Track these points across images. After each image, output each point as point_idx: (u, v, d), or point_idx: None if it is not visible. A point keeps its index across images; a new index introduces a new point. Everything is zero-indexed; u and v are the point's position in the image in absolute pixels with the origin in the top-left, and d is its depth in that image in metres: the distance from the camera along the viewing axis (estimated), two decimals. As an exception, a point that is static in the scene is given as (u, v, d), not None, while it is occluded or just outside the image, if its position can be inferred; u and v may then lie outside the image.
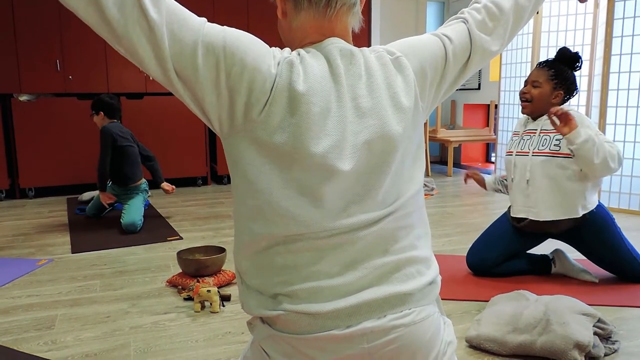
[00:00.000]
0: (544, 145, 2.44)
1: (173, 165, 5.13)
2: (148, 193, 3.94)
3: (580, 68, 2.49)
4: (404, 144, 1.00)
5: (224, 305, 2.27)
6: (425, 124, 5.70)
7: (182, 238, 3.36)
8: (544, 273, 2.62)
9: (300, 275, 0.95)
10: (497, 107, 5.40)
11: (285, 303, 0.95)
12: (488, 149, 6.93)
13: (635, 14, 3.86)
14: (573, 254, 2.81)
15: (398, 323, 0.95)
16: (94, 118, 3.81)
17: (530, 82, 2.50)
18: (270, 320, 0.99)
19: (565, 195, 2.40)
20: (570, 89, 2.46)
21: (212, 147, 5.66)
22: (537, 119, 2.54)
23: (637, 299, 2.29)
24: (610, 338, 1.88)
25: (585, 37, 4.45)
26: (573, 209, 2.40)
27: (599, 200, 2.50)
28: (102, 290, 2.48)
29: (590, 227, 2.44)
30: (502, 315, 1.92)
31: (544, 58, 4.70)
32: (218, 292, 2.23)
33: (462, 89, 6.82)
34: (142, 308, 2.27)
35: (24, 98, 4.66)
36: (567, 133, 2.25)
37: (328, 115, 0.93)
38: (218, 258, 2.52)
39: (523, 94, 2.52)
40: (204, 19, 0.93)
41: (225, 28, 0.93)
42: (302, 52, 0.97)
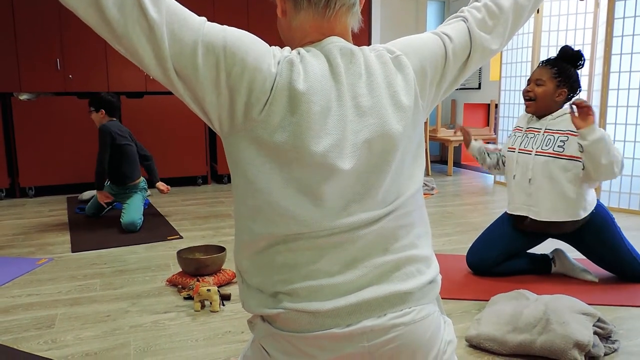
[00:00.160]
0: (548, 146, 2.43)
1: (173, 165, 5.13)
2: (147, 192, 3.94)
3: (583, 66, 2.48)
4: (404, 143, 1.00)
5: (224, 305, 2.27)
6: (426, 124, 5.69)
7: (182, 237, 3.36)
8: (544, 272, 2.62)
9: (300, 274, 0.95)
10: (497, 106, 5.40)
11: (286, 301, 0.96)
12: (488, 149, 6.92)
13: (636, 14, 3.85)
14: (573, 254, 2.82)
15: (398, 322, 0.96)
16: (93, 115, 3.77)
17: (534, 80, 2.49)
18: (271, 319, 0.99)
19: (566, 197, 2.39)
20: (574, 87, 2.46)
21: (212, 146, 5.66)
22: (541, 118, 2.53)
23: (637, 299, 2.29)
24: (610, 337, 1.88)
25: (586, 36, 4.45)
26: (574, 212, 2.40)
27: (599, 200, 2.50)
28: (102, 290, 2.48)
29: (590, 227, 2.44)
30: (502, 315, 1.92)
31: (544, 57, 4.70)
32: (218, 291, 2.23)
33: (462, 89, 6.82)
34: (142, 307, 2.27)
35: (24, 97, 4.66)
36: (582, 127, 2.22)
37: (328, 114, 0.93)
38: (218, 257, 2.53)
39: (527, 93, 2.50)
40: (204, 19, 0.93)
41: (226, 27, 0.93)
42: (302, 51, 0.97)
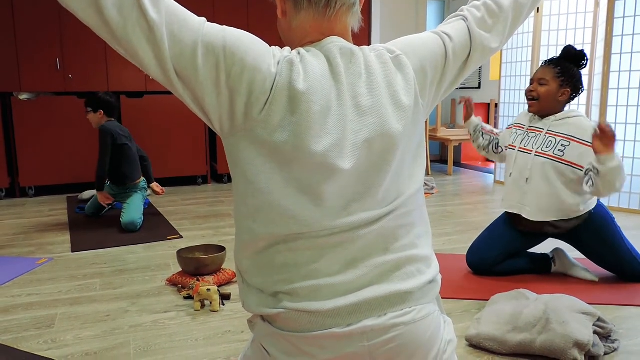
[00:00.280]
0: (548, 147, 2.42)
1: (173, 164, 5.13)
2: (147, 191, 3.94)
3: (586, 66, 2.47)
4: (404, 142, 1.00)
5: (224, 304, 2.27)
6: (426, 123, 5.69)
7: (182, 237, 3.36)
8: (544, 272, 2.61)
9: (301, 274, 0.95)
10: (497, 106, 5.40)
11: (286, 301, 0.96)
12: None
13: (636, 13, 3.85)
14: (573, 253, 2.81)
15: (398, 321, 0.96)
16: (90, 116, 3.74)
17: (537, 80, 2.47)
18: (271, 319, 0.99)
19: (561, 200, 2.39)
20: (577, 87, 2.44)
21: (212, 146, 5.65)
22: (544, 117, 2.51)
23: (636, 298, 2.29)
24: (610, 337, 1.88)
25: (586, 35, 4.45)
26: (567, 213, 2.40)
27: (599, 200, 2.50)
28: (102, 289, 2.49)
29: (590, 226, 2.44)
30: (502, 314, 1.92)
31: (545, 57, 4.70)
32: (218, 290, 2.23)
33: (462, 88, 6.82)
34: (142, 307, 2.27)
35: (24, 97, 4.66)
36: (602, 153, 2.15)
37: (328, 114, 0.93)
38: (218, 257, 2.52)
39: (529, 92, 2.49)
40: (204, 19, 0.93)
41: (225, 28, 0.93)
42: (302, 51, 0.97)
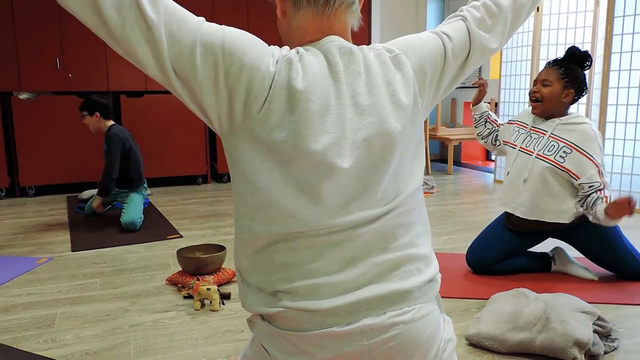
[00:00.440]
0: (550, 152, 2.40)
1: (173, 164, 5.13)
2: (147, 191, 3.94)
3: (590, 67, 2.45)
4: (403, 141, 1.00)
5: (224, 304, 2.27)
6: (426, 122, 5.69)
7: (182, 236, 3.36)
8: (544, 271, 2.61)
9: (300, 273, 0.95)
10: (497, 105, 5.40)
11: (285, 300, 0.96)
12: (488, 147, 6.92)
13: (636, 12, 3.85)
14: (573, 252, 2.81)
15: (397, 320, 0.96)
16: (87, 120, 3.67)
17: (540, 81, 2.46)
18: (270, 318, 0.99)
19: (557, 202, 2.39)
20: (581, 88, 2.43)
21: (212, 145, 5.65)
22: (548, 119, 2.49)
23: (636, 297, 2.29)
24: (610, 336, 1.88)
25: (586, 34, 4.45)
26: (566, 216, 2.40)
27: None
28: (102, 289, 2.49)
29: (589, 227, 2.43)
30: (502, 313, 1.92)
31: (545, 56, 4.70)
32: (218, 290, 2.23)
33: (462, 87, 6.82)
34: (142, 306, 2.27)
35: (24, 96, 4.66)
36: (612, 218, 2.18)
37: (327, 113, 0.93)
38: (218, 256, 2.53)
39: (533, 93, 2.47)
40: (202, 19, 0.93)
41: (224, 27, 0.93)
42: (301, 50, 0.97)
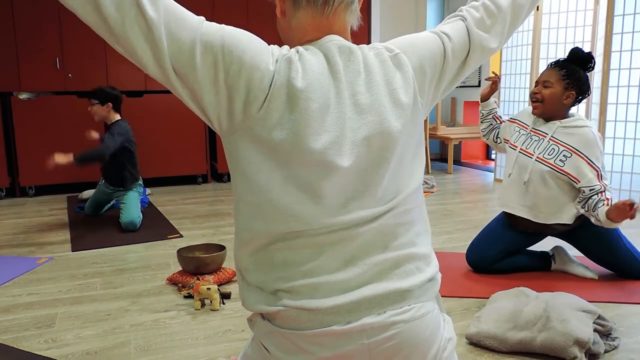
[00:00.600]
0: (550, 155, 2.40)
1: (173, 163, 5.13)
2: (148, 191, 3.93)
3: (593, 68, 2.44)
4: (403, 140, 1.00)
5: (224, 303, 2.27)
6: (426, 122, 5.69)
7: (182, 236, 3.36)
8: (544, 270, 2.62)
9: (300, 271, 0.95)
10: (497, 104, 5.40)
11: (285, 299, 0.96)
12: (488, 147, 6.93)
13: (636, 11, 3.85)
14: (573, 251, 2.81)
15: (398, 319, 0.96)
16: (95, 108, 3.58)
17: (541, 82, 2.45)
18: (271, 317, 0.99)
19: (561, 204, 2.40)
20: (583, 90, 2.41)
21: (212, 145, 5.65)
22: (549, 121, 2.49)
23: (636, 296, 2.29)
24: (610, 335, 1.88)
25: (586, 34, 4.45)
26: (567, 217, 2.41)
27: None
28: (102, 289, 2.49)
29: (589, 227, 2.44)
30: (502, 312, 1.92)
31: (544, 55, 4.70)
32: (218, 289, 2.23)
33: (462, 87, 6.82)
34: (142, 306, 2.27)
35: (24, 96, 4.66)
36: (613, 221, 2.20)
37: (327, 112, 0.93)
38: (218, 256, 2.53)
39: (534, 94, 2.47)
40: (202, 18, 0.93)
41: (223, 26, 0.93)
42: (300, 49, 0.97)
